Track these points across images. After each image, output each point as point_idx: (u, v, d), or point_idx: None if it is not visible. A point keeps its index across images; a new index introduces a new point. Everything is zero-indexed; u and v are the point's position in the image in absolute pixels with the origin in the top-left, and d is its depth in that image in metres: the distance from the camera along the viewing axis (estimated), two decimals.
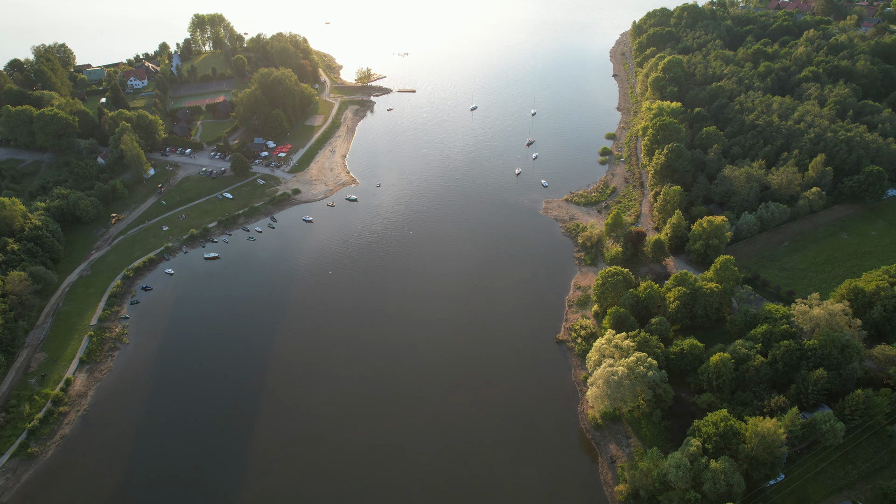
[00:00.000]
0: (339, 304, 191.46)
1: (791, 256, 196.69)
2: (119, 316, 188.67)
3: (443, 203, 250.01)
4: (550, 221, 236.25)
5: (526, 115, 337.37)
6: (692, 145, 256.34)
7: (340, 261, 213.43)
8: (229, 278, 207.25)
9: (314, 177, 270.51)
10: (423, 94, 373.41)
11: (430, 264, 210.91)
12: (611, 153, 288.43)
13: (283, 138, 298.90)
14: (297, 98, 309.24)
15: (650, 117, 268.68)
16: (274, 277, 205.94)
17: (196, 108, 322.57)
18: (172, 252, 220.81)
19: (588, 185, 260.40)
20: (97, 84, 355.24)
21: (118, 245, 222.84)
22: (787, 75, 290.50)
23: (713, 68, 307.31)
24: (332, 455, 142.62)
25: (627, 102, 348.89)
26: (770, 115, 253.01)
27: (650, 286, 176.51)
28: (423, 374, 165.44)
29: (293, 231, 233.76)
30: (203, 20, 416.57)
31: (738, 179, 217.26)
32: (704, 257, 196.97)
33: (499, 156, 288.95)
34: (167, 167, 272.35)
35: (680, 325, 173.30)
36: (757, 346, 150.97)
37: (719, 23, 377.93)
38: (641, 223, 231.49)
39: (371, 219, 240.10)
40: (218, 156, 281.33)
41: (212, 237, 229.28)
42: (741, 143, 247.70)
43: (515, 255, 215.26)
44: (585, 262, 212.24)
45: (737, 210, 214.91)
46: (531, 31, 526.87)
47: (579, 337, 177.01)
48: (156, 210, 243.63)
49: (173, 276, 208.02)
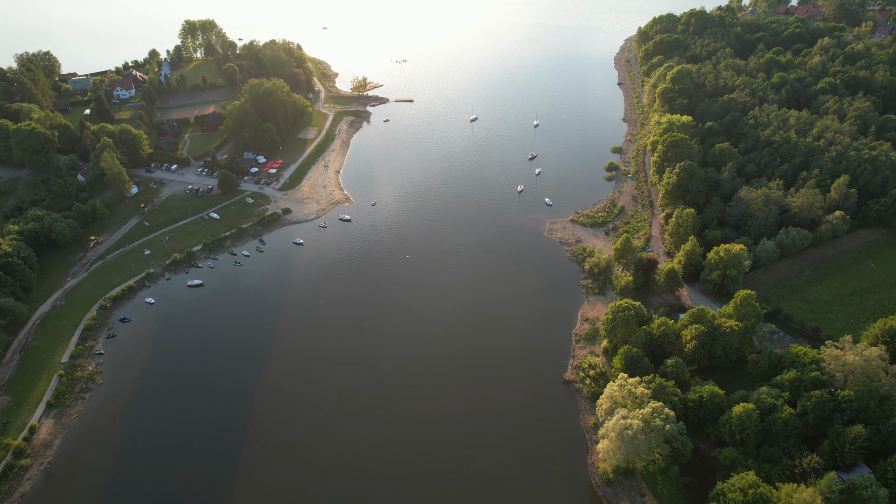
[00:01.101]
0: (330, 339, 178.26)
1: (814, 287, 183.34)
2: (93, 352, 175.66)
3: (441, 223, 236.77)
4: (555, 244, 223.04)
5: (528, 127, 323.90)
6: (704, 162, 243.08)
7: (331, 289, 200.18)
8: (214, 308, 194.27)
9: (306, 194, 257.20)
10: (421, 104, 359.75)
11: (427, 293, 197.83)
12: (617, 168, 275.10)
13: (274, 152, 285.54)
14: (288, 110, 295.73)
15: (659, 132, 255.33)
16: (261, 308, 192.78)
17: (184, 120, 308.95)
18: (154, 279, 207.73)
19: (594, 204, 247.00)
20: (82, 94, 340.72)
21: (96, 271, 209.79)
22: (803, 87, 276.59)
23: (724, 79, 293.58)
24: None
25: (634, 113, 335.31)
26: (787, 130, 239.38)
27: (664, 323, 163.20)
28: (420, 417, 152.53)
29: (282, 255, 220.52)
30: (194, 26, 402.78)
31: (755, 202, 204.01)
32: (721, 288, 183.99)
33: (500, 171, 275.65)
34: (151, 184, 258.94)
35: (697, 365, 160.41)
36: (784, 394, 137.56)
37: (728, 30, 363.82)
38: (652, 247, 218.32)
39: (365, 241, 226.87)
40: (205, 172, 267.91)
41: (196, 262, 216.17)
42: (756, 161, 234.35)
43: (518, 283, 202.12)
44: (593, 290, 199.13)
45: (754, 235, 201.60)
46: (532, 37, 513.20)
47: (588, 377, 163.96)
48: (138, 232, 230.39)
49: (154, 306, 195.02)
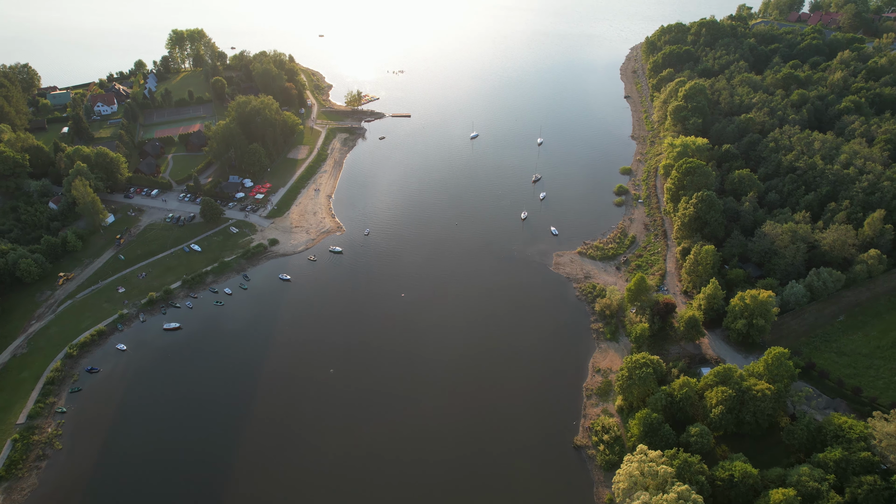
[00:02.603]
0: (318, 394, 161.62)
1: (849, 336, 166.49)
2: (54, 410, 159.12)
3: (439, 256, 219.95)
4: (562, 281, 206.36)
5: (531, 145, 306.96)
6: (722, 189, 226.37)
7: (320, 333, 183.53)
8: (191, 356, 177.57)
9: (295, 222, 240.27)
10: (418, 119, 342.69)
11: (423, 339, 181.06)
12: (627, 192, 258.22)
13: (261, 175, 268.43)
14: (278, 129, 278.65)
15: (673, 156, 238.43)
16: (243, 357, 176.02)
17: (168, 139, 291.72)
18: (128, 321, 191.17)
19: (603, 234, 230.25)
20: (61, 110, 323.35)
21: (64, 312, 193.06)
22: (825, 105, 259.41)
23: (740, 96, 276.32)
24: None
25: (643, 129, 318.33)
26: (811, 155, 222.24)
27: (687, 384, 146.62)
28: (413, 490, 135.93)
29: (268, 293, 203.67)
30: (182, 36, 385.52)
31: (780, 238, 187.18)
32: (746, 337, 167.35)
33: (502, 195, 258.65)
34: (129, 212, 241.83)
35: (723, 431, 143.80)
36: (829, 477, 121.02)
37: (741, 41, 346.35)
38: (667, 284, 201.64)
39: (357, 277, 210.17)
40: (188, 198, 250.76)
41: (174, 301, 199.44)
42: (778, 189, 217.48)
43: (523, 327, 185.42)
44: (605, 335, 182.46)
45: (780, 274, 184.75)
46: (534, 46, 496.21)
47: (601, 443, 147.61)
48: (112, 267, 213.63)
49: (126, 354, 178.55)
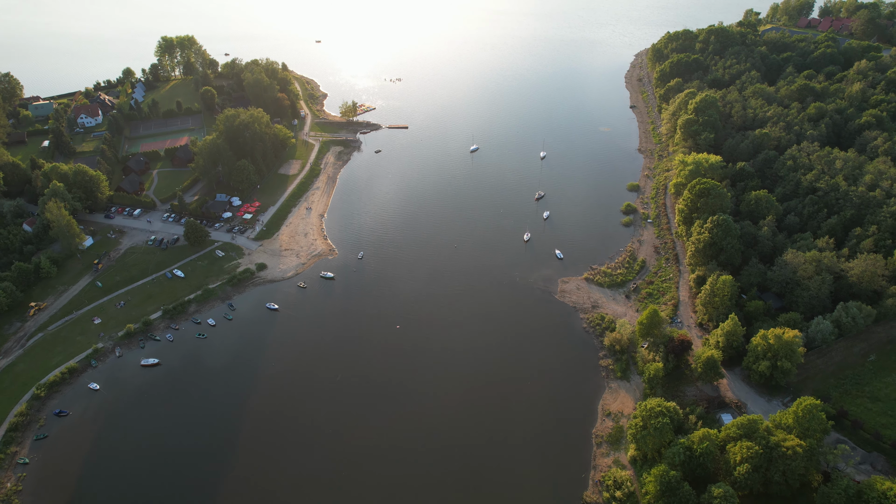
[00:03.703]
0: (307, 440, 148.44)
1: (883, 379, 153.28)
2: (15, 461, 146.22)
3: (437, 283, 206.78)
4: (568, 310, 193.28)
5: (534, 159, 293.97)
6: (737, 211, 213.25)
7: (308, 369, 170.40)
8: (170, 396, 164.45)
9: (284, 245, 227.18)
10: (416, 131, 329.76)
11: (418, 377, 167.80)
12: (636, 211, 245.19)
13: (250, 192, 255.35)
14: (268, 144, 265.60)
15: (685, 174, 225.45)
16: (225, 397, 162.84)
17: (153, 154, 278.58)
18: (103, 356, 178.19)
19: (611, 258, 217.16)
20: (42, 122, 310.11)
21: (34, 347, 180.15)
22: (844, 120, 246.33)
23: (753, 109, 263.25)
24: None
25: (650, 142, 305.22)
26: (833, 175, 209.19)
27: (707, 437, 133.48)
28: None
29: (254, 324, 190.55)
30: (171, 43, 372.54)
31: (803, 268, 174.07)
32: (769, 379, 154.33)
33: (504, 214, 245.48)
34: (109, 234, 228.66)
35: (749, 490, 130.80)
36: None
37: (751, 49, 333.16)
38: (680, 315, 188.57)
39: (350, 306, 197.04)
40: (172, 218, 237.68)
41: (154, 333, 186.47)
42: (798, 211, 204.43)
43: (526, 363, 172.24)
44: (615, 373, 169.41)
45: (803, 307, 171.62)
46: (536, 52, 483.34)
47: (613, 499, 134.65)
48: (89, 295, 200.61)
49: (98, 394, 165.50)
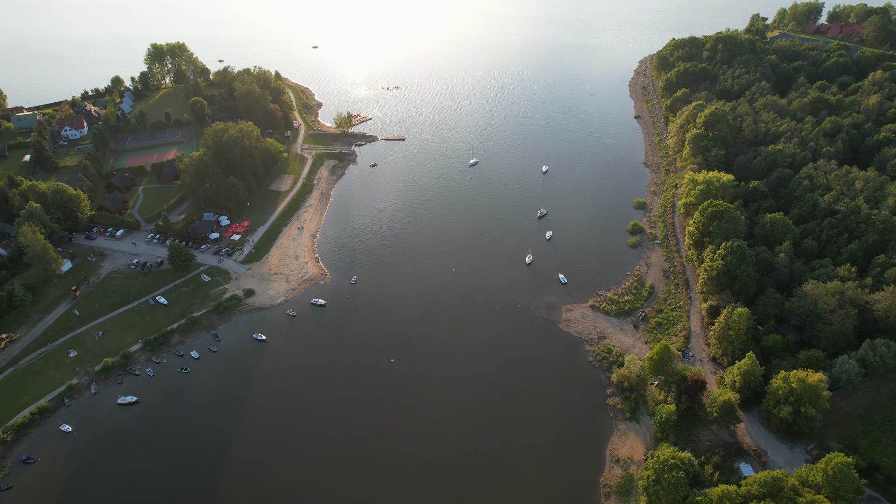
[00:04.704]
0: (294, 485, 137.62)
1: None
2: None
3: (434, 310, 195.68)
4: (573, 341, 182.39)
5: (535, 173, 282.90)
6: (750, 234, 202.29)
7: (297, 406, 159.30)
8: (149, 439, 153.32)
9: (274, 268, 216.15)
10: (413, 143, 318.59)
11: (411, 417, 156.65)
12: (643, 231, 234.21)
13: (239, 211, 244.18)
14: (258, 159, 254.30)
15: (695, 194, 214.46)
16: (208, 437, 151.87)
17: (139, 169, 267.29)
18: (77, 393, 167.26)
19: (618, 283, 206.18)
20: (25, 134, 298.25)
21: (3, 384, 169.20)
22: (861, 135, 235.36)
23: (765, 123, 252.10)
24: None
25: (656, 155, 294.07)
26: (853, 196, 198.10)
27: (727, 496, 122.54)
28: None
29: (239, 357, 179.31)
30: (161, 51, 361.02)
31: (825, 300, 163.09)
32: (792, 425, 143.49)
33: (504, 235, 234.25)
34: (90, 257, 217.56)
35: None
36: None
37: (761, 57, 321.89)
38: (692, 348, 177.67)
39: (342, 336, 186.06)
40: (157, 239, 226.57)
41: (133, 367, 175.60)
42: (815, 235, 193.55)
43: (528, 401, 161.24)
44: (623, 413, 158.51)
45: (825, 343, 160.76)
46: (536, 59, 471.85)
47: None
48: (65, 324, 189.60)
49: (71, 437, 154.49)
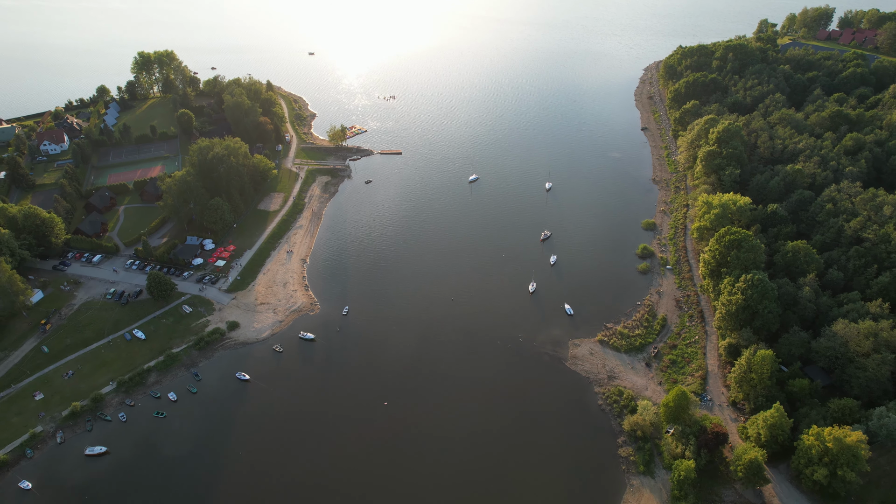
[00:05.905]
0: None
1: None
2: None
3: (432, 346, 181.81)
4: (581, 382, 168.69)
5: (538, 190, 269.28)
6: (770, 262, 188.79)
7: (282, 455, 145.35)
8: (117, 497, 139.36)
9: (261, 297, 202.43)
10: (411, 157, 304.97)
11: (406, 470, 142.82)
12: (653, 255, 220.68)
13: (225, 233, 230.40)
14: (246, 178, 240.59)
15: (710, 218, 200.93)
16: (184, 495, 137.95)
17: (121, 187, 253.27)
18: (41, 443, 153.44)
19: (628, 314, 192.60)
20: (2, 149, 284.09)
21: None
22: (885, 153, 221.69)
23: (782, 139, 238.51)
24: None
25: (665, 171, 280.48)
26: (882, 223, 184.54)
27: None
28: None
29: (221, 400, 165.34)
30: (149, 59, 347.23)
31: (856, 342, 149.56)
32: (826, 488, 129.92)
33: (506, 259, 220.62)
34: (63, 285, 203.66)
35: None
36: None
37: (774, 67, 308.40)
38: (710, 390, 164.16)
39: (331, 376, 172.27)
40: (137, 265, 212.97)
41: (104, 411, 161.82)
42: (841, 264, 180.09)
43: (533, 452, 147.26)
44: (637, 466, 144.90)
45: (858, 391, 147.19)
46: (537, 66, 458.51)
47: None
48: (32, 363, 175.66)
49: (30, 496, 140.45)
